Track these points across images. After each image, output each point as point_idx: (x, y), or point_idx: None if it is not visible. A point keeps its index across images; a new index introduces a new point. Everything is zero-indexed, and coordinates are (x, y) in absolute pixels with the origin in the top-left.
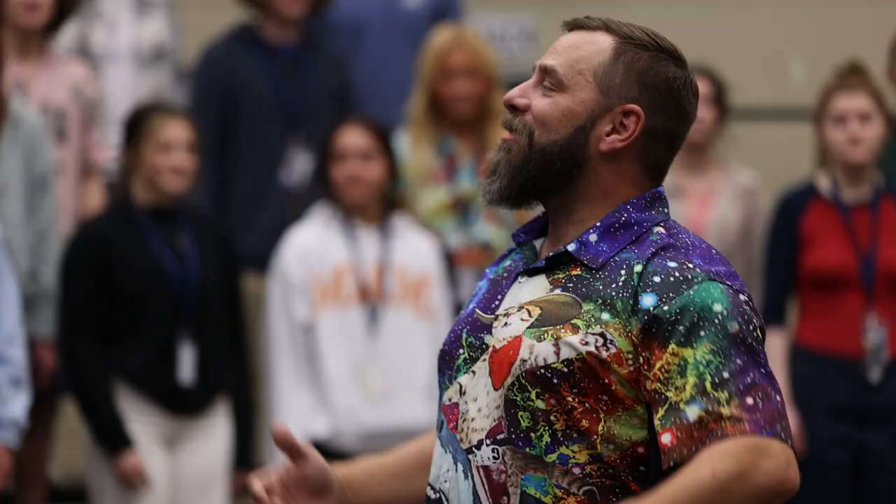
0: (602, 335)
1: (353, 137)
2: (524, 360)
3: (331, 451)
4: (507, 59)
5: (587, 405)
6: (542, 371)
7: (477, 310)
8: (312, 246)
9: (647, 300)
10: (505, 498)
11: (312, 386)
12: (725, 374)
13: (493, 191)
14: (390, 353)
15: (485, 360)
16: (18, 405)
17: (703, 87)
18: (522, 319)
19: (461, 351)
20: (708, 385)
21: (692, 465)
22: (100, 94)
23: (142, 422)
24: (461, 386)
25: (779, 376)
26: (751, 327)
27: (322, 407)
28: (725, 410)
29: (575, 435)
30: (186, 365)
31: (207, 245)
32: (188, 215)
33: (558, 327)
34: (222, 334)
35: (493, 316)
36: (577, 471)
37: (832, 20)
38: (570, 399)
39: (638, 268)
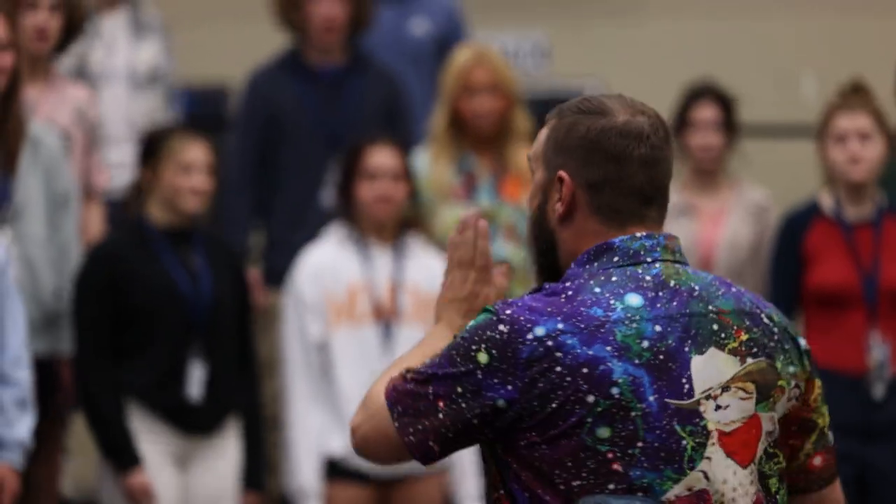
0: None
1: (384, 157)
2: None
3: (347, 470)
4: (521, 76)
5: None
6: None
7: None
8: (326, 265)
9: None
10: None
11: (328, 404)
12: (430, 358)
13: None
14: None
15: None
16: (24, 426)
17: (710, 112)
18: None
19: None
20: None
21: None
22: (99, 116)
23: (152, 440)
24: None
25: None
26: (473, 347)
27: (337, 425)
28: (392, 379)
29: None
30: (196, 383)
31: (220, 265)
32: (202, 235)
33: None
34: (234, 354)
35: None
36: None
37: (844, 35)
38: None
39: None
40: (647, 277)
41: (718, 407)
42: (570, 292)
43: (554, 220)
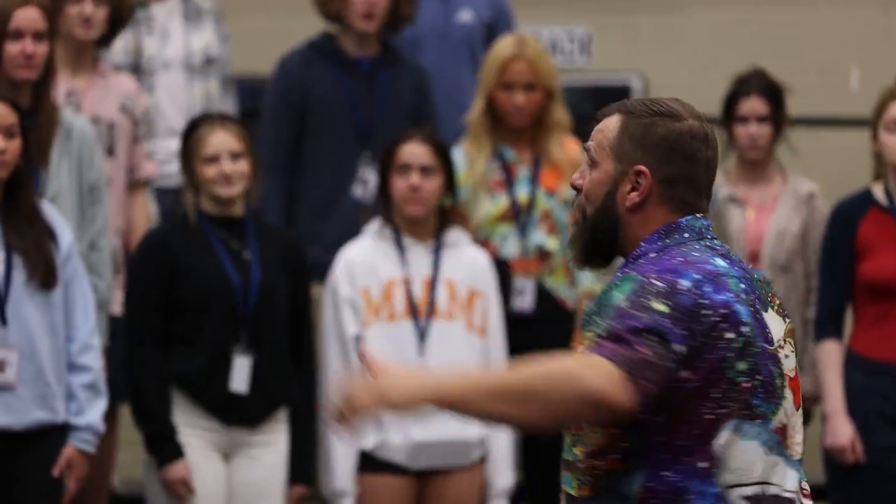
0: None
1: (414, 150)
2: None
3: (381, 462)
4: (563, 69)
5: None
6: None
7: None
8: (363, 261)
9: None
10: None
11: None
12: (605, 324)
13: (573, 258)
14: (440, 367)
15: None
16: (96, 412)
17: (758, 105)
18: None
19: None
20: (593, 337)
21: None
22: (148, 107)
23: (196, 430)
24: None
25: (836, 386)
26: (642, 299)
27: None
28: (587, 343)
29: None
30: (241, 375)
31: (273, 255)
32: (254, 225)
33: None
34: (285, 345)
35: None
36: None
37: (888, 26)
38: None
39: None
40: (718, 248)
41: (786, 356)
42: (679, 257)
43: (622, 208)
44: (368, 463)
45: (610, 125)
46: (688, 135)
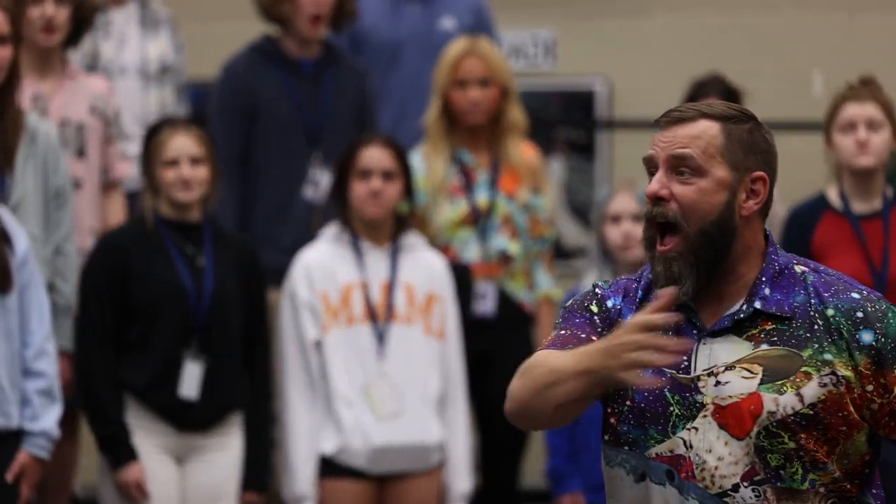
0: (833, 374)
1: (375, 155)
2: (772, 412)
3: (341, 467)
4: (528, 73)
5: (829, 436)
6: (793, 418)
7: (669, 370)
8: (321, 265)
9: (866, 336)
10: None
11: (321, 404)
12: None
13: (688, 292)
14: (398, 371)
15: (706, 416)
16: (50, 418)
17: None
18: (745, 378)
19: (671, 408)
20: None
21: None
22: (118, 108)
23: (149, 431)
24: (684, 440)
25: None
26: None
27: (331, 424)
28: None
29: (820, 463)
30: (191, 381)
31: (227, 261)
32: (211, 230)
33: (793, 378)
34: (238, 351)
35: (690, 376)
36: (822, 490)
37: (853, 31)
38: (815, 434)
39: (830, 311)
40: None
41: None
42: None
43: (738, 216)
44: (329, 468)
45: (708, 130)
46: (772, 135)
